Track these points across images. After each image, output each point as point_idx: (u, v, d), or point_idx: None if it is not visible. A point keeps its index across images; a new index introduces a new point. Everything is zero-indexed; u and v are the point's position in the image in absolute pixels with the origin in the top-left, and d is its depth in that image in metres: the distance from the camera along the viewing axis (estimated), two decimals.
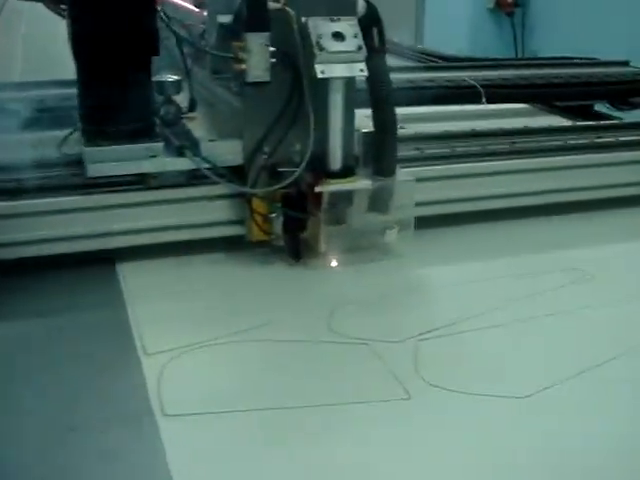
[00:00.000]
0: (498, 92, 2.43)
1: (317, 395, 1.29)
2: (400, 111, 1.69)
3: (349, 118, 1.65)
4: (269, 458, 1.17)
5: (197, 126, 1.73)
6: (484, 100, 2.36)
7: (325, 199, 1.62)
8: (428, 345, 1.42)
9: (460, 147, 1.95)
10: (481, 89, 2.36)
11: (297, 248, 1.68)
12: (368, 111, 1.65)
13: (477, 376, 1.35)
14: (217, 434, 1.21)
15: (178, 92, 1.74)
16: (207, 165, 1.60)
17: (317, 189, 1.61)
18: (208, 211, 1.66)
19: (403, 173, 1.69)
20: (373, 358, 1.38)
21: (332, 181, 1.62)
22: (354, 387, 1.32)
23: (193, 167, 1.61)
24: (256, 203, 1.64)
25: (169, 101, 1.72)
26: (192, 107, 1.78)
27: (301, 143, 1.63)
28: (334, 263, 1.68)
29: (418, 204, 1.73)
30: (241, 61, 1.57)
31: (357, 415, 1.25)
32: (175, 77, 1.74)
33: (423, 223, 1.72)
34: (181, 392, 1.29)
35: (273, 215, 1.64)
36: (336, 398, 1.28)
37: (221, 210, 1.67)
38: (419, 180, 1.74)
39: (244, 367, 1.39)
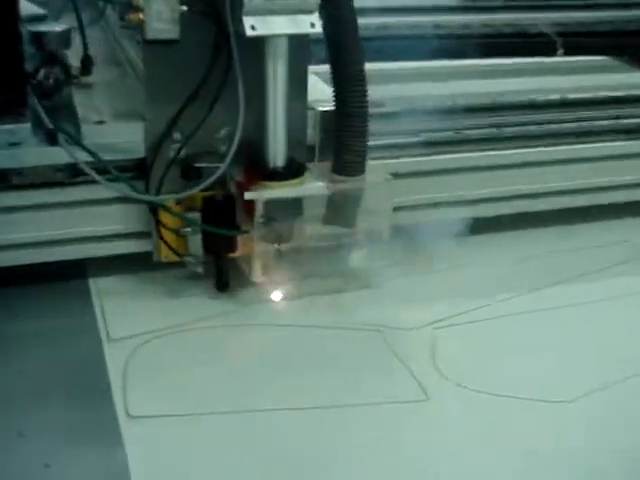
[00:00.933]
0: (578, 42, 1.81)
1: (316, 394, 1.01)
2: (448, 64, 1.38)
3: (298, 92, 1.16)
4: (256, 474, 0.90)
5: (90, 98, 1.24)
6: (561, 52, 1.79)
7: (260, 209, 1.13)
8: (446, 334, 1.15)
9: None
10: (556, 37, 1.79)
11: (223, 275, 1.20)
12: None
13: (506, 373, 1.07)
14: (188, 441, 0.94)
15: (67, 47, 1.25)
16: (89, 158, 1.11)
17: (248, 195, 1.12)
18: (98, 220, 1.17)
19: (376, 169, 1.20)
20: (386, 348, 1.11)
21: (271, 184, 1.13)
22: (362, 384, 1.04)
23: (70, 161, 1.12)
24: (164, 213, 1.16)
25: (52, 60, 1.23)
26: (86, 69, 1.29)
27: (228, 128, 1.14)
28: (276, 296, 1.21)
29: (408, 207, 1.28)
30: (138, 9, 1.08)
31: (365, 420, 0.98)
32: (63, 25, 1.25)
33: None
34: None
35: (188, 230, 1.16)
36: (340, 398, 1.01)
37: (117, 219, 1.18)
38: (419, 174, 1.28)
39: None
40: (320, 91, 1.21)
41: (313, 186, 1.15)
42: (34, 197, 1.14)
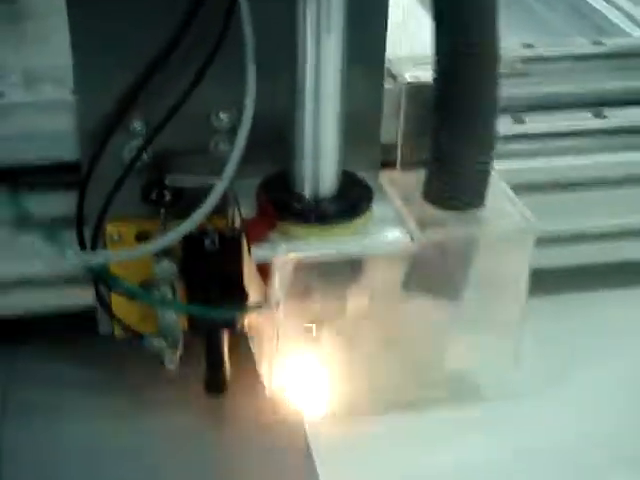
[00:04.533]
0: None
1: None
2: None
3: (366, 46, 0.61)
4: None
5: None
6: None
7: (283, 274, 0.61)
8: None
9: None
10: None
11: (217, 368, 0.69)
12: None
13: None
14: None
15: None
16: None
17: (258, 253, 0.60)
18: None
19: (498, 193, 0.65)
20: None
21: (306, 228, 0.61)
22: None
23: None
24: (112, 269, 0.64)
25: None
26: None
27: (229, 113, 0.61)
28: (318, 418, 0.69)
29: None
30: None
31: None
32: None
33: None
34: None
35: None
36: None
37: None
38: None
39: None
40: (413, 43, 0.67)
41: (384, 236, 0.60)
42: None
